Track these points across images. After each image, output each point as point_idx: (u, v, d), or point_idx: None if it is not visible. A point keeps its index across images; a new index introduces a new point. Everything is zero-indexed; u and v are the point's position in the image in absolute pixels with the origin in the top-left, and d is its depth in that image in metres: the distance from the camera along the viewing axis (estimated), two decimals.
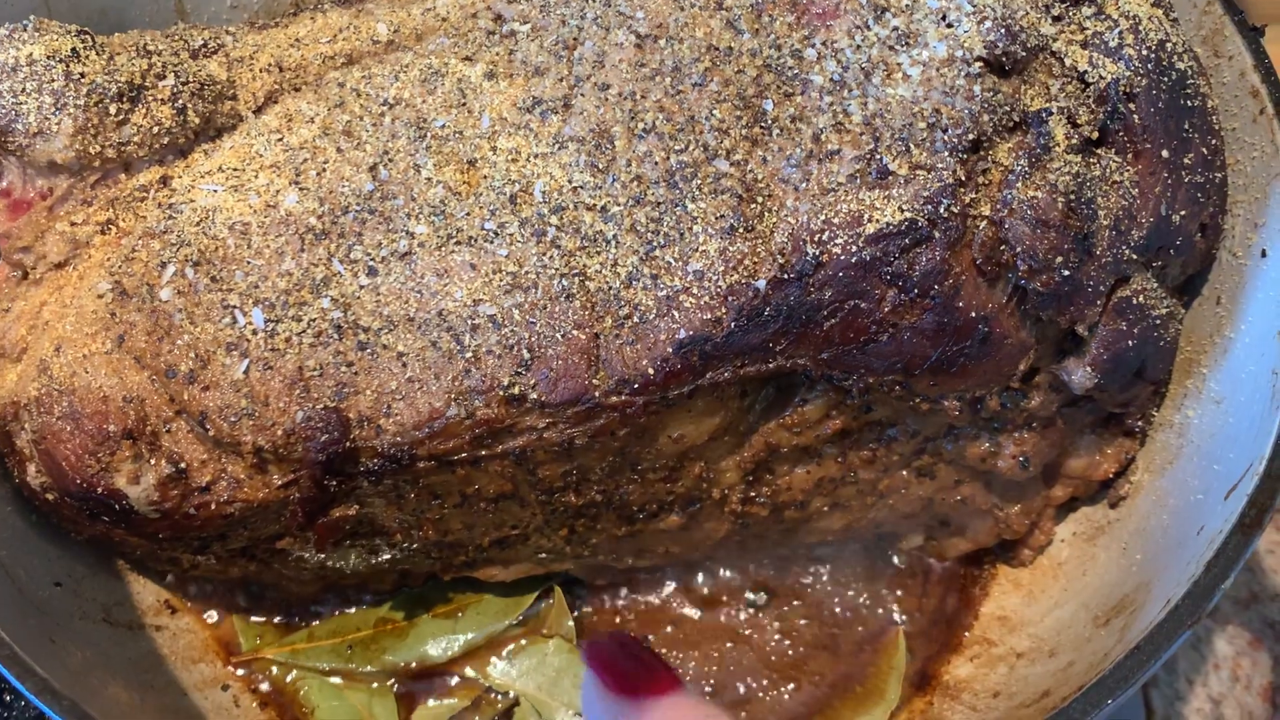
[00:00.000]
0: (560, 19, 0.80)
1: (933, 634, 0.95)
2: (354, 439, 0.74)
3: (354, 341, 0.74)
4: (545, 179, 0.75)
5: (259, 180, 0.78)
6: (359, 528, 0.81)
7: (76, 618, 0.82)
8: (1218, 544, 0.70)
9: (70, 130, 0.77)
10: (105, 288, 0.77)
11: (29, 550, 0.82)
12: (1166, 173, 0.76)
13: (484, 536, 0.84)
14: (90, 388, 0.75)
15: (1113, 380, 0.79)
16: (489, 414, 0.73)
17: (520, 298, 0.73)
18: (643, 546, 0.89)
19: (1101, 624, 0.82)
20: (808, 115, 0.73)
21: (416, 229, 0.75)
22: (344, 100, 0.81)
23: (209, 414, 0.74)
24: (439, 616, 0.93)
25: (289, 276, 0.75)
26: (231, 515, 0.77)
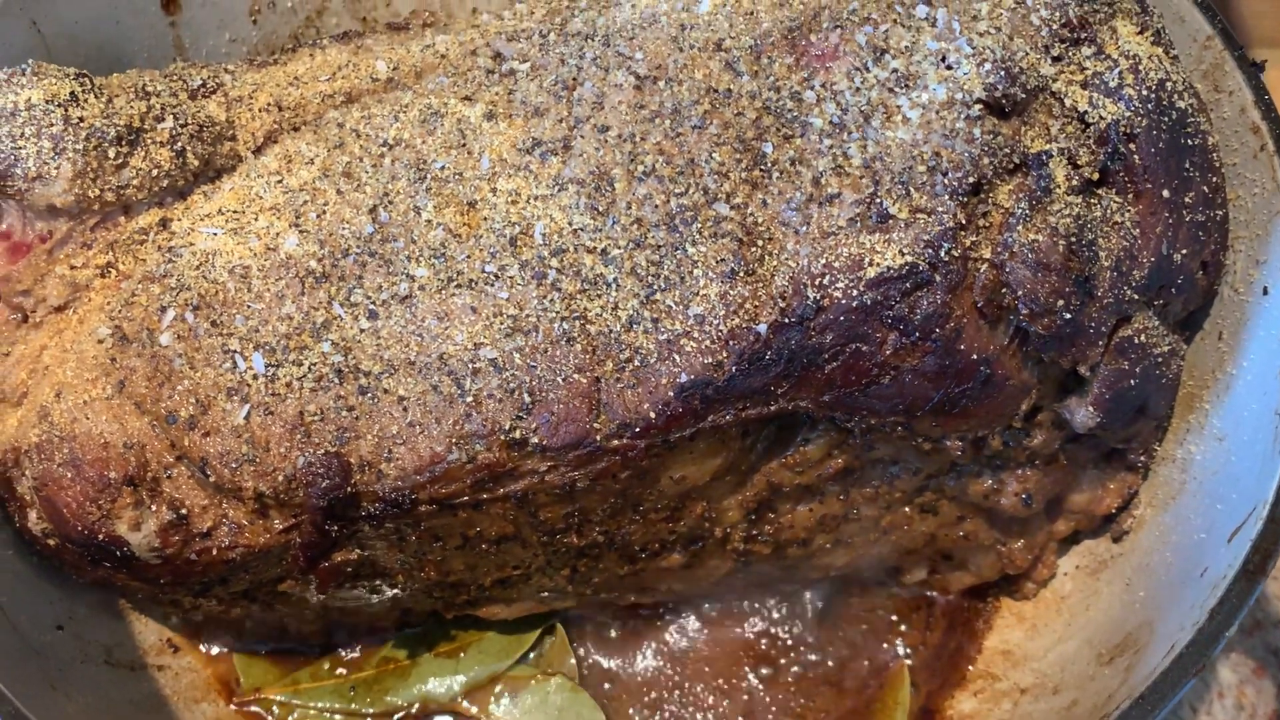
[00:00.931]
0: (559, 58, 0.80)
1: (936, 668, 0.95)
2: (355, 484, 0.74)
3: (355, 386, 0.74)
4: (545, 221, 0.75)
5: (259, 223, 0.78)
6: (360, 570, 0.81)
7: (78, 661, 0.82)
8: (1221, 590, 0.70)
9: (69, 174, 0.77)
10: (105, 332, 0.77)
11: (30, 594, 0.82)
12: (1167, 212, 0.76)
13: (486, 576, 0.84)
14: (91, 434, 0.75)
15: (1115, 419, 0.79)
16: (490, 458, 0.73)
17: (521, 341, 0.73)
18: (645, 584, 0.89)
19: (1105, 662, 0.82)
20: (807, 158, 0.73)
21: (417, 271, 0.75)
22: (344, 141, 0.81)
23: (210, 460, 0.74)
24: (441, 655, 0.92)
25: (289, 320, 0.75)
26: (233, 560, 0.77)
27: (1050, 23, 0.75)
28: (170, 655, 0.90)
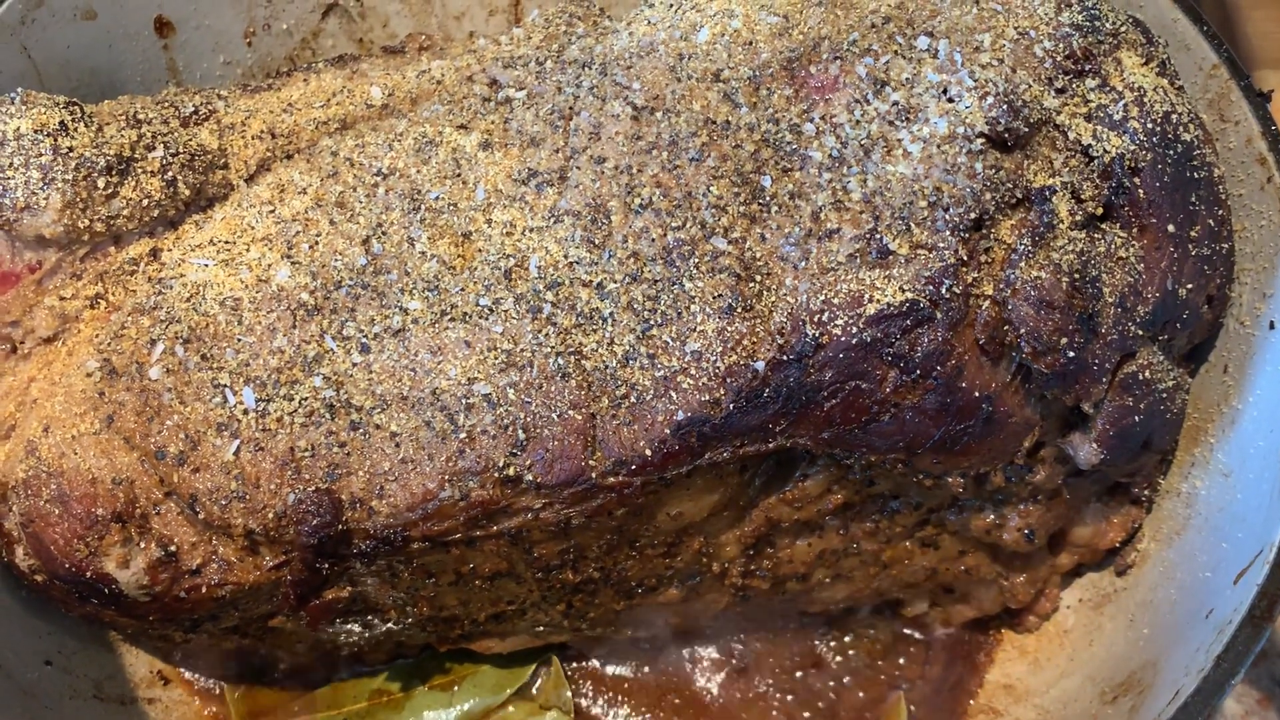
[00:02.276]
0: (556, 86, 0.79)
1: (937, 702, 0.94)
2: (346, 521, 0.72)
3: (346, 421, 0.73)
4: (541, 254, 0.74)
5: (250, 254, 0.77)
6: (352, 606, 0.79)
7: (67, 697, 0.81)
8: (1228, 635, 0.69)
9: (58, 205, 0.76)
10: (94, 366, 0.75)
11: (18, 630, 0.81)
12: (1173, 247, 0.75)
13: (480, 612, 0.83)
14: (79, 470, 0.74)
15: (1119, 455, 0.77)
16: (484, 495, 0.72)
17: (515, 376, 0.72)
18: (641, 619, 0.88)
19: (1109, 701, 0.81)
20: (807, 192, 0.72)
21: (410, 305, 0.74)
22: (337, 170, 0.80)
23: (199, 496, 0.73)
24: (435, 688, 0.91)
25: (280, 354, 0.74)
26: (222, 597, 0.75)
27: (1053, 54, 0.74)
28: (160, 688, 0.89)
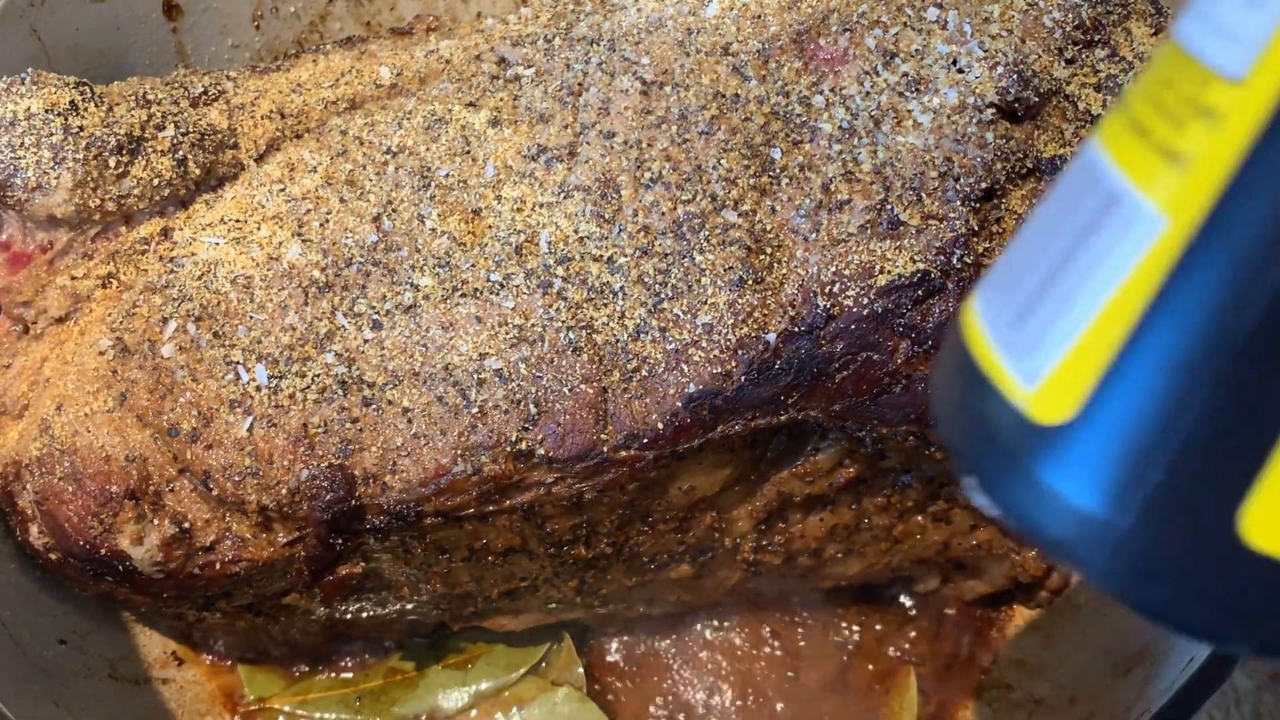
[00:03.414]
0: (565, 63, 0.79)
1: (949, 677, 0.94)
2: (359, 497, 0.73)
3: (359, 397, 0.73)
4: (551, 229, 0.74)
5: (261, 232, 0.77)
6: (366, 583, 0.80)
7: (81, 676, 0.81)
8: None
9: (69, 184, 0.76)
10: (106, 344, 0.76)
11: (33, 608, 0.81)
12: None
13: (493, 588, 0.83)
14: (92, 447, 0.74)
15: None
16: (496, 470, 0.72)
17: (527, 351, 0.72)
18: (653, 595, 0.88)
19: (1122, 673, 0.81)
20: (817, 164, 0.72)
21: (421, 281, 0.74)
22: (347, 148, 0.80)
23: (212, 473, 0.73)
24: (450, 667, 0.92)
25: (292, 331, 0.74)
26: (236, 574, 0.76)
27: (1063, 25, 0.74)
28: (175, 668, 0.89)
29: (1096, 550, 0.38)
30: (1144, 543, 0.38)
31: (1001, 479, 0.41)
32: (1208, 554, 0.37)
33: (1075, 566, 0.39)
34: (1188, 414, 0.37)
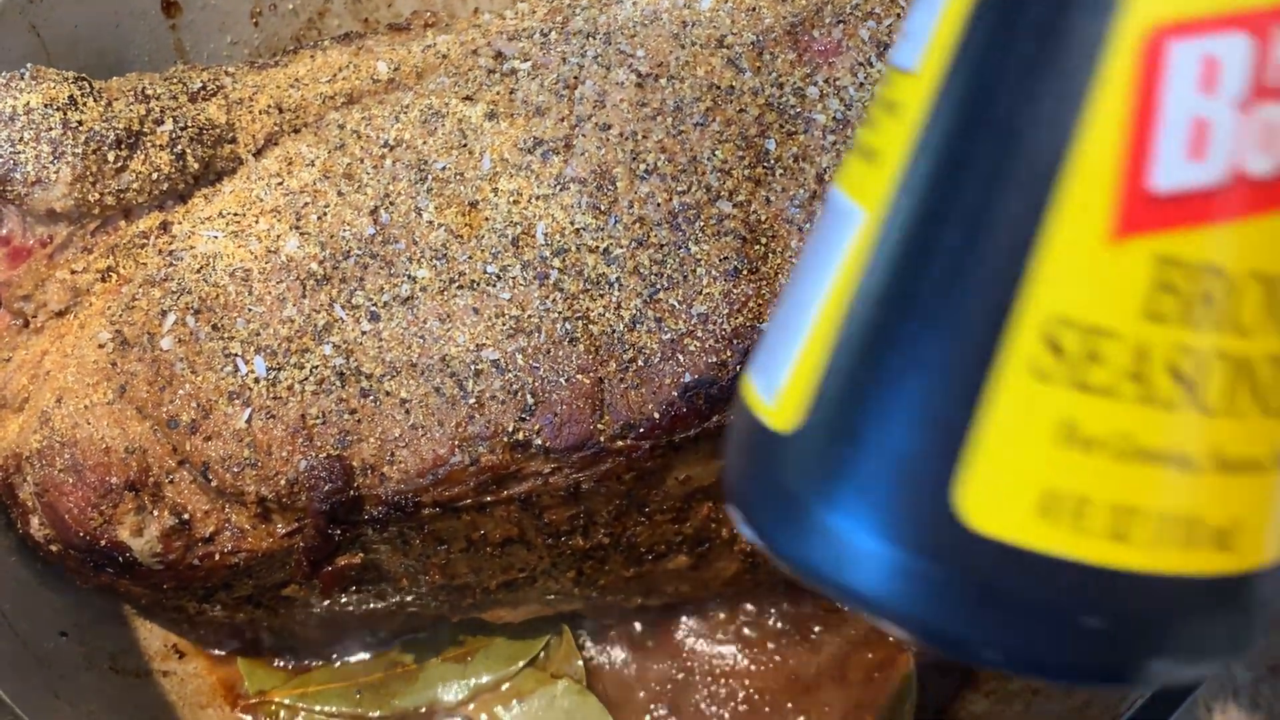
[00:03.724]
0: (561, 56, 0.80)
1: (947, 668, 0.94)
2: (358, 487, 0.73)
3: (356, 388, 0.73)
4: (547, 221, 0.74)
5: (259, 225, 0.78)
6: (365, 574, 0.80)
7: (82, 668, 0.82)
8: None
9: (69, 178, 0.77)
10: (106, 337, 0.76)
11: (34, 601, 0.81)
12: None
13: (491, 580, 0.84)
14: (92, 439, 0.75)
15: None
16: (493, 460, 0.73)
17: (523, 342, 0.72)
18: (651, 586, 0.88)
19: None
20: (811, 155, 0.72)
21: (418, 273, 0.75)
22: (344, 142, 0.80)
23: (211, 464, 0.73)
24: (449, 660, 0.92)
25: (290, 323, 0.75)
26: (236, 565, 0.76)
27: None
28: (175, 661, 0.90)
29: (833, 549, 0.38)
30: (868, 530, 0.37)
31: (756, 500, 0.41)
32: (927, 535, 0.37)
33: (815, 573, 0.39)
34: (890, 398, 0.37)
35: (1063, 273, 0.35)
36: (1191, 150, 0.34)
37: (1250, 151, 0.34)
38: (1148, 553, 0.35)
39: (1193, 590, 0.36)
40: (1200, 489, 0.35)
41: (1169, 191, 0.34)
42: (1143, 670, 0.36)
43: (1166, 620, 0.36)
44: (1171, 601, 0.36)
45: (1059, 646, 0.36)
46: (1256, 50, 0.34)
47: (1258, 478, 0.36)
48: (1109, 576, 0.35)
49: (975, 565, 0.36)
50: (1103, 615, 0.35)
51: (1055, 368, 0.35)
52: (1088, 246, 0.35)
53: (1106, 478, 0.35)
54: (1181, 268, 0.34)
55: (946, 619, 0.37)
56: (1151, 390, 0.35)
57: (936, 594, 0.37)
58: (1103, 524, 0.35)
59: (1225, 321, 0.34)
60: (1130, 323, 0.35)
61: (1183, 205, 0.34)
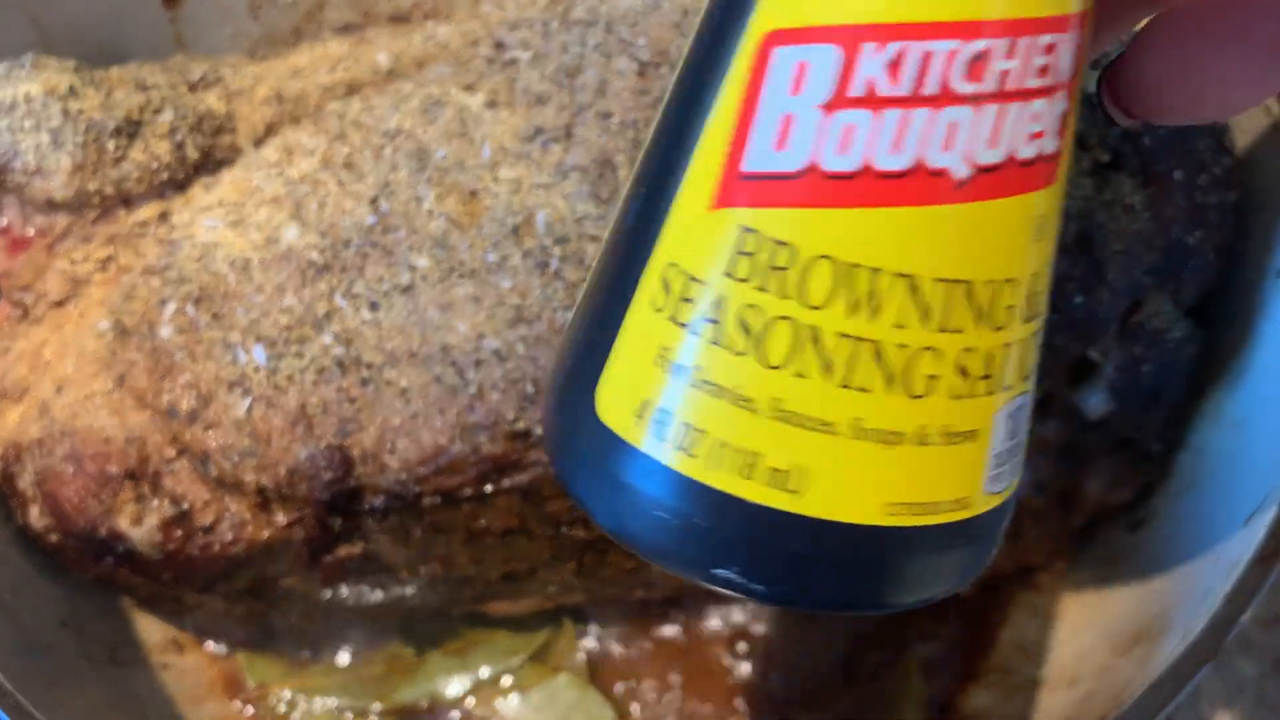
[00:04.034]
0: (561, 45, 0.79)
1: (949, 662, 0.94)
2: (358, 476, 0.73)
3: (357, 377, 0.73)
4: (548, 209, 0.74)
5: (259, 214, 0.78)
6: (365, 565, 0.80)
7: (82, 659, 0.81)
8: (1236, 574, 0.69)
9: (68, 168, 0.77)
10: (105, 326, 0.76)
11: (33, 592, 0.81)
12: (1179, 194, 0.75)
13: (492, 571, 0.83)
14: (92, 428, 0.74)
15: (1128, 405, 0.77)
16: (494, 449, 0.72)
17: (524, 331, 0.72)
18: (652, 579, 0.88)
19: (1122, 653, 0.81)
20: None
21: (418, 262, 0.75)
22: (344, 132, 0.80)
23: (211, 454, 0.73)
24: (449, 654, 0.92)
25: (290, 312, 0.74)
26: (235, 555, 0.76)
27: None
28: (175, 654, 0.89)
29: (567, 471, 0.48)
30: (564, 442, 0.47)
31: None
32: (585, 432, 0.45)
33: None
34: (583, 333, 0.47)
35: (680, 229, 0.42)
36: (777, 141, 0.40)
37: (827, 149, 0.39)
38: (708, 469, 0.42)
39: (758, 518, 0.42)
40: (758, 429, 0.41)
41: (755, 173, 0.40)
42: (715, 575, 0.43)
43: (728, 535, 0.42)
44: (732, 519, 0.42)
45: (655, 536, 0.43)
46: (843, 61, 0.38)
47: (822, 435, 0.41)
48: (680, 481, 0.42)
49: (607, 456, 0.44)
50: (674, 515, 0.42)
51: (664, 302, 0.42)
52: (697, 211, 0.41)
53: (682, 398, 0.42)
54: (757, 239, 0.40)
55: (596, 506, 0.46)
56: (721, 335, 0.41)
57: (594, 490, 0.46)
58: (676, 436, 0.42)
59: (792, 291, 0.40)
60: (714, 276, 0.41)
61: (765, 187, 0.40)
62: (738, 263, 0.41)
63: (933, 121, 0.39)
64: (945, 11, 0.38)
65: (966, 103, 0.39)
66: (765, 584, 0.43)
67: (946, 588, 0.47)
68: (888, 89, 0.38)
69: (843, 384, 0.40)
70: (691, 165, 0.42)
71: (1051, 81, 0.40)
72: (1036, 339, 0.45)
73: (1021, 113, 0.40)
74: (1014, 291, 0.42)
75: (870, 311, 0.40)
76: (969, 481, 0.44)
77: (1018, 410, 0.45)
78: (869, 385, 0.41)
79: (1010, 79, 0.39)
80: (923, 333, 0.41)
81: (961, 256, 0.40)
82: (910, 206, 0.39)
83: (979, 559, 0.48)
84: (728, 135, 0.41)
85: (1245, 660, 1.00)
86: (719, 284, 0.41)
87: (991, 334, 0.41)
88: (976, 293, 0.41)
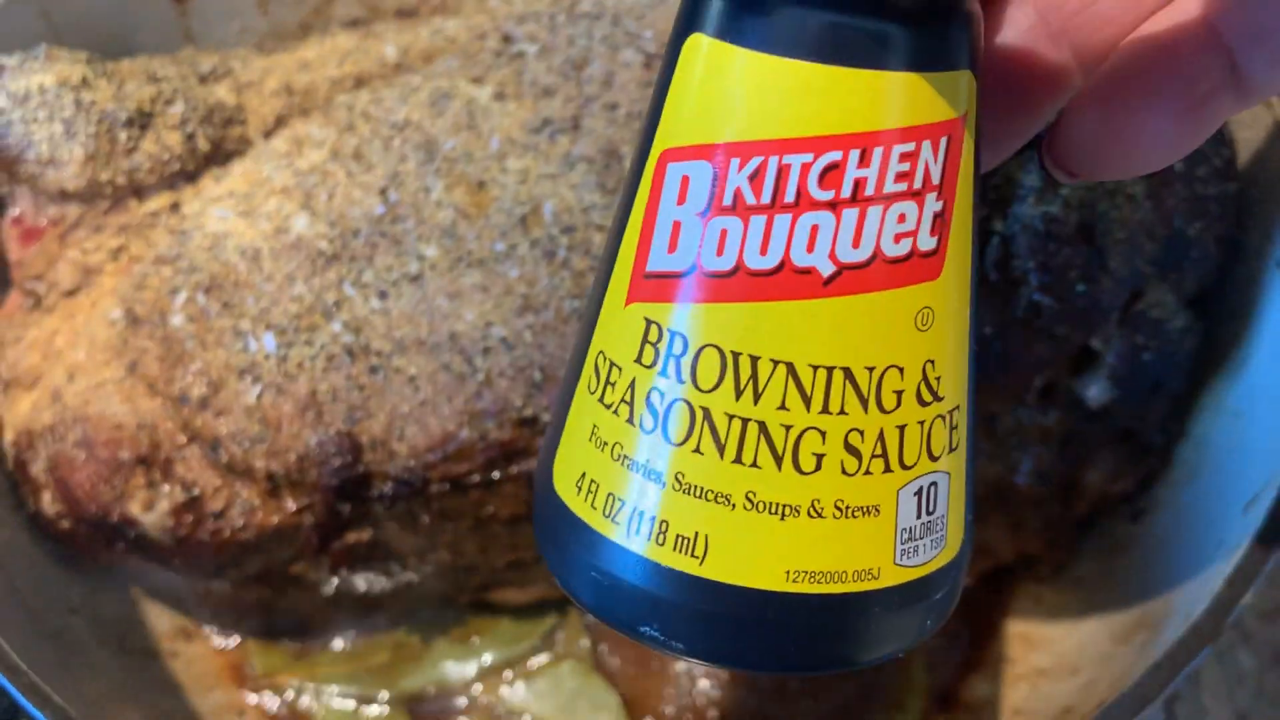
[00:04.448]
0: (568, 38, 0.80)
1: (952, 652, 0.95)
2: (367, 463, 0.74)
3: (365, 365, 0.74)
4: (555, 200, 0.75)
5: (269, 205, 0.78)
6: (373, 552, 0.81)
7: (93, 645, 0.82)
8: (1237, 559, 0.69)
9: (81, 158, 0.77)
10: (117, 314, 0.77)
11: (45, 577, 0.82)
12: (1180, 185, 0.75)
13: (499, 559, 0.84)
14: (103, 415, 0.75)
15: (1130, 394, 0.78)
16: (501, 436, 0.73)
17: (532, 319, 0.73)
18: None
19: (1122, 641, 0.82)
20: None
21: (427, 251, 0.75)
22: (353, 123, 0.81)
23: (222, 440, 0.74)
24: (455, 640, 0.92)
25: (300, 301, 0.75)
26: (245, 541, 0.77)
27: None
28: (184, 642, 0.90)
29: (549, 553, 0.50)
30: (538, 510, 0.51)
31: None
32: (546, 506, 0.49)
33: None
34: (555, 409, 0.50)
35: (607, 321, 0.46)
36: (669, 245, 0.44)
37: (707, 251, 0.43)
38: (629, 536, 0.45)
39: (671, 580, 0.44)
40: (665, 500, 0.44)
41: (654, 272, 0.44)
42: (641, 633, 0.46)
43: (648, 596, 0.45)
44: (651, 581, 0.45)
45: (592, 595, 0.47)
46: (715, 175, 0.42)
47: (720, 507, 0.44)
48: (608, 546, 0.45)
49: (557, 524, 0.48)
50: (605, 577, 0.46)
51: (596, 387, 0.46)
52: (617, 305, 0.46)
53: (606, 471, 0.45)
54: (657, 330, 0.44)
55: (554, 567, 0.50)
56: (634, 415, 0.45)
57: (550, 552, 0.49)
58: (603, 505, 0.46)
59: (686, 376, 0.43)
60: (628, 362, 0.45)
61: (661, 285, 0.44)
62: (645, 351, 0.44)
63: (794, 225, 0.42)
64: (798, 128, 0.41)
65: (824, 208, 0.42)
66: (684, 642, 0.45)
67: (875, 654, 0.49)
68: (752, 198, 0.42)
69: (735, 459, 0.44)
70: (616, 264, 0.46)
71: (917, 185, 0.43)
72: (949, 419, 0.47)
73: (886, 215, 0.42)
74: (901, 377, 0.44)
75: (754, 395, 0.43)
76: (875, 553, 0.46)
77: (930, 487, 0.47)
78: (759, 462, 0.44)
79: (867, 186, 0.42)
80: (805, 415, 0.43)
81: (835, 345, 0.43)
82: (782, 301, 0.43)
83: (906, 629, 0.49)
84: (636, 238, 0.45)
85: (1245, 652, 1.01)
86: (631, 370, 0.45)
87: (881, 416, 0.44)
88: (857, 378, 0.43)
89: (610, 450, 0.45)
